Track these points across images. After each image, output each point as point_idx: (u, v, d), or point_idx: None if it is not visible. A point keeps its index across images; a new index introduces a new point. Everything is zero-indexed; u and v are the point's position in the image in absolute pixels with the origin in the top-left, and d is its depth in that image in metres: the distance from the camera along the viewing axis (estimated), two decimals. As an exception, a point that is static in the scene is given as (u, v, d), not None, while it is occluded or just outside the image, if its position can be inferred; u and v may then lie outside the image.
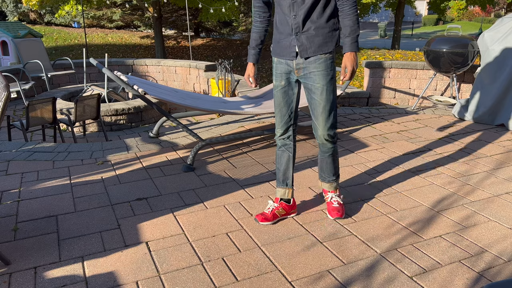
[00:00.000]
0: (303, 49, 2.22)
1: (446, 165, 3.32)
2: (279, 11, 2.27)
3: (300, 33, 2.21)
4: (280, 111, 2.38)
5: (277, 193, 2.51)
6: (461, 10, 13.87)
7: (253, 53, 2.45)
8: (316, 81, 2.24)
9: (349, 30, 2.19)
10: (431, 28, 31.68)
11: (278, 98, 2.36)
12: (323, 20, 2.19)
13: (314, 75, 2.24)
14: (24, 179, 3.00)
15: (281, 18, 2.26)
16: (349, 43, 2.19)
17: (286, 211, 2.48)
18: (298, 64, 2.26)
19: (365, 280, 1.93)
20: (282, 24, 2.26)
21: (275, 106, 2.40)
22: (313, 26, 2.19)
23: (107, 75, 3.57)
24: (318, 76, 2.23)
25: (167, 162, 3.36)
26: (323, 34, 2.21)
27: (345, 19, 2.19)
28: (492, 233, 2.33)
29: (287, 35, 2.26)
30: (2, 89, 1.99)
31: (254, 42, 2.44)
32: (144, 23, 19.35)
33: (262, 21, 2.41)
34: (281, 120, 2.39)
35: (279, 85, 2.35)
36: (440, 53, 4.82)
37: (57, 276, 1.94)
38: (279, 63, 2.33)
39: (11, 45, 8.45)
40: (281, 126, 2.40)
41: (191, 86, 8.17)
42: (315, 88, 2.25)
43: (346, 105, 5.95)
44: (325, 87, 2.24)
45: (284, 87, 2.34)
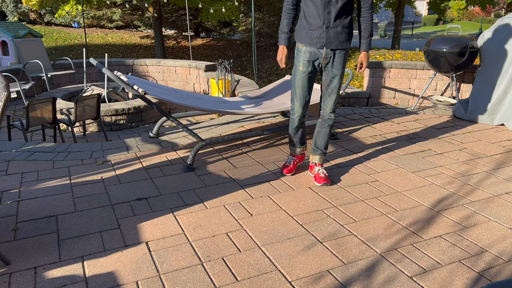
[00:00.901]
0: (328, 41, 2.68)
1: (446, 165, 3.32)
2: (310, 5, 2.65)
3: (330, 27, 2.65)
4: (303, 94, 2.81)
5: (295, 152, 3.09)
6: (461, 10, 13.88)
7: (286, 37, 2.80)
8: (338, 68, 2.76)
9: (368, 33, 2.73)
10: (431, 28, 31.68)
11: (303, 82, 2.78)
12: (347, 21, 2.68)
13: (337, 64, 2.75)
14: (24, 179, 3.00)
15: (313, 11, 2.66)
16: (366, 44, 2.74)
17: (301, 160, 3.18)
18: (327, 54, 2.72)
19: (365, 280, 1.93)
20: (313, 17, 2.66)
21: (297, 89, 2.80)
22: (340, 24, 2.66)
23: (107, 75, 3.57)
24: (339, 65, 2.75)
25: (167, 162, 3.36)
26: (346, 32, 2.70)
27: (365, 23, 2.72)
28: (492, 233, 2.33)
29: (318, 27, 2.67)
30: (2, 89, 1.99)
31: (287, 28, 2.79)
32: (144, 23, 19.34)
33: (294, 8, 2.80)
34: (303, 102, 2.83)
35: (306, 71, 2.76)
36: (440, 53, 4.82)
37: (57, 276, 1.94)
38: (308, 52, 2.73)
39: (11, 45, 8.45)
40: (302, 108, 2.85)
41: (191, 86, 8.17)
42: (335, 74, 2.77)
43: (346, 105, 5.94)
44: (341, 74, 2.79)
45: (310, 73, 2.77)
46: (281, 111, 4.00)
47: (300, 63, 2.77)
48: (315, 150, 3.01)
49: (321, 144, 2.98)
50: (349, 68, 10.80)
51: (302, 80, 2.78)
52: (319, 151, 3.00)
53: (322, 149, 2.99)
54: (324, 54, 2.72)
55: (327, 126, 2.94)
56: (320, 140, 2.98)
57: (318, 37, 2.68)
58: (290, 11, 2.79)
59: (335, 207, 2.62)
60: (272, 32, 15.82)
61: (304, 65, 2.75)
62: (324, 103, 2.90)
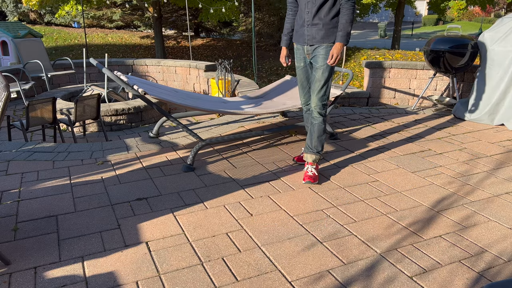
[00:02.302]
0: (309, 38, 2.90)
1: (446, 165, 3.32)
2: (299, 5, 2.94)
3: (310, 25, 2.87)
4: (301, 85, 3.13)
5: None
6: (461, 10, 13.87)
7: (285, 39, 3.14)
8: (318, 62, 2.88)
9: (341, 26, 2.79)
10: (431, 28, 31.68)
11: (299, 75, 3.11)
12: (328, 18, 2.82)
13: (317, 57, 2.89)
14: (24, 179, 3.00)
15: (300, 11, 2.94)
16: (339, 36, 2.79)
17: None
18: (308, 50, 2.95)
19: (365, 280, 1.93)
20: (300, 16, 2.94)
21: (298, 82, 3.14)
22: (320, 22, 2.83)
23: (107, 75, 3.57)
24: (320, 58, 2.87)
25: (167, 162, 3.36)
26: (326, 29, 2.84)
27: (342, 18, 2.80)
28: (492, 233, 2.33)
29: (301, 26, 2.93)
30: (2, 89, 1.99)
31: (286, 31, 3.12)
32: (144, 23, 19.34)
33: (294, 13, 3.07)
34: (303, 91, 3.15)
35: (299, 66, 3.08)
36: (440, 53, 4.82)
37: (57, 276, 1.94)
38: (297, 48, 3.04)
39: (11, 45, 8.45)
40: (303, 96, 3.16)
41: (191, 86, 8.17)
42: (316, 68, 2.89)
43: (346, 105, 5.94)
44: (323, 67, 2.86)
45: (303, 67, 3.07)
46: (281, 111, 4.00)
47: (295, 59, 3.10)
48: (306, 147, 3.05)
49: (311, 142, 3.01)
50: (350, 68, 10.80)
51: (298, 74, 3.12)
52: (310, 149, 3.01)
53: (312, 147, 3.00)
54: (306, 50, 2.96)
55: (314, 125, 2.98)
56: (310, 139, 3.02)
57: (302, 34, 2.93)
58: (290, 17, 3.09)
59: (335, 207, 2.62)
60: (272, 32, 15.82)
61: (297, 61, 3.08)
62: (310, 98, 3.13)
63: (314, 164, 3.02)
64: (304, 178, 2.96)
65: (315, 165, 3.03)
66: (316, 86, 2.90)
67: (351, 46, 12.94)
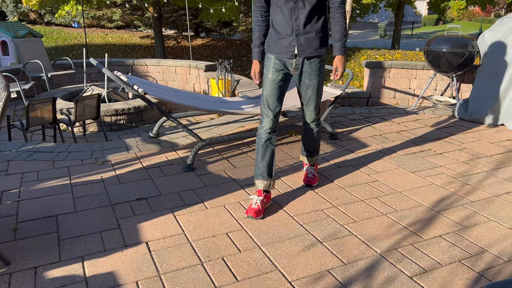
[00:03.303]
0: (301, 49, 2.47)
1: (446, 165, 3.32)
2: (277, 12, 2.45)
3: (300, 34, 2.44)
4: (273, 103, 2.51)
5: (260, 186, 2.57)
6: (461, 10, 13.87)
7: (258, 51, 2.60)
8: (312, 79, 2.55)
9: (339, 35, 2.50)
10: (431, 28, 31.68)
11: (272, 91, 2.50)
12: (319, 25, 2.46)
13: (311, 74, 2.54)
14: (24, 179, 3.00)
15: (280, 19, 2.44)
16: (339, 47, 2.51)
17: (268, 201, 2.60)
18: (298, 65, 2.51)
19: (365, 280, 1.93)
20: (281, 25, 2.45)
21: (268, 99, 2.51)
22: (312, 30, 2.44)
23: (107, 75, 3.57)
24: (313, 76, 2.54)
25: (167, 162, 3.36)
26: (319, 37, 2.48)
27: (336, 25, 2.49)
28: (492, 233, 2.33)
29: (287, 35, 2.46)
30: (2, 89, 1.99)
31: (258, 41, 2.59)
32: (144, 23, 19.34)
33: (264, 20, 2.56)
34: (272, 112, 2.52)
35: (276, 79, 2.51)
36: (440, 53, 4.82)
37: (57, 276, 1.94)
38: (277, 59, 2.52)
39: (11, 45, 8.45)
40: (271, 119, 2.53)
41: (191, 86, 8.17)
42: (308, 85, 2.57)
43: (346, 105, 5.95)
44: (318, 84, 2.57)
45: (280, 82, 2.52)
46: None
47: (269, 71, 2.53)
48: (302, 151, 2.95)
49: (309, 147, 2.88)
50: (350, 68, 10.80)
51: (272, 89, 2.51)
52: (307, 152, 2.91)
53: (310, 151, 2.90)
54: (294, 64, 2.51)
55: (311, 134, 2.82)
56: (308, 144, 2.87)
57: (288, 45, 2.47)
58: (260, 23, 2.57)
59: (335, 207, 2.62)
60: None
61: (273, 73, 2.52)
62: (303, 115, 2.77)
63: (314, 165, 2.97)
64: (304, 181, 2.90)
65: (315, 165, 2.99)
66: (311, 102, 2.65)
67: (351, 46, 12.94)
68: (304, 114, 2.74)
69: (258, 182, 2.58)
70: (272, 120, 2.53)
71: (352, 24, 24.67)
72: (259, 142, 2.56)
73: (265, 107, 2.53)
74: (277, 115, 2.54)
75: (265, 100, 2.53)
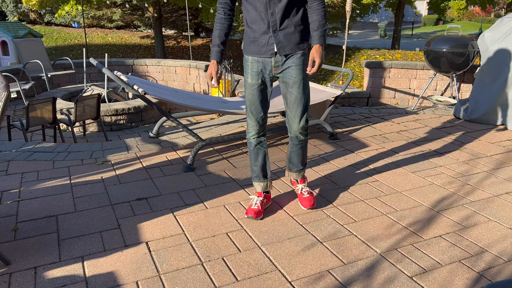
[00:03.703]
0: (280, 46, 2.25)
1: (446, 165, 3.32)
2: (250, 9, 2.24)
3: (278, 30, 2.23)
4: (255, 109, 2.35)
5: (258, 188, 2.54)
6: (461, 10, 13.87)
7: (218, 50, 2.33)
8: (294, 75, 2.29)
9: (317, 24, 2.22)
10: (431, 28, 31.68)
11: (254, 96, 2.33)
12: (298, 18, 2.24)
13: (292, 70, 2.29)
14: (24, 179, 3.00)
15: (254, 17, 2.24)
16: (317, 36, 2.22)
17: (268, 201, 2.60)
18: (277, 62, 2.30)
19: (365, 280, 1.93)
20: (256, 23, 2.25)
21: (249, 105, 2.35)
22: (290, 24, 2.23)
23: (107, 75, 3.57)
24: (296, 71, 2.29)
25: (167, 162, 3.36)
26: (300, 31, 2.27)
27: (314, 14, 2.23)
28: (492, 233, 2.33)
29: (263, 33, 2.26)
30: (2, 89, 1.99)
31: (219, 40, 2.34)
32: (144, 23, 19.34)
33: (227, 18, 2.35)
34: (257, 118, 2.37)
35: (255, 84, 2.32)
36: (440, 53, 4.82)
37: (57, 276, 1.94)
38: (255, 61, 2.31)
39: (11, 45, 8.45)
40: (256, 125, 2.39)
41: (191, 86, 8.17)
42: (293, 82, 2.30)
43: (346, 105, 5.95)
44: (303, 81, 2.31)
45: (261, 86, 2.34)
46: (281, 111, 4.00)
47: (248, 75, 2.34)
48: (290, 166, 2.62)
49: (296, 161, 2.57)
50: (350, 68, 10.80)
51: (252, 94, 2.33)
52: (295, 168, 2.60)
53: (298, 166, 2.59)
54: (274, 62, 2.29)
55: (299, 148, 2.50)
56: (296, 158, 2.56)
57: (266, 44, 2.26)
58: (223, 21, 2.34)
59: (335, 207, 2.62)
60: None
61: (253, 77, 2.32)
62: (288, 122, 2.41)
63: (304, 181, 2.66)
64: (304, 204, 2.57)
65: (305, 180, 2.68)
66: (297, 104, 2.33)
67: (351, 46, 12.94)
68: (290, 122, 2.39)
69: (256, 185, 2.55)
70: (258, 125, 2.38)
71: (352, 24, 24.67)
72: (249, 147, 2.47)
73: (249, 113, 2.38)
74: (262, 120, 2.38)
75: (248, 105, 2.37)
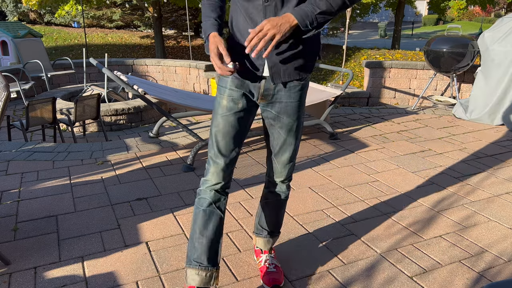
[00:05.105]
0: (275, 71, 1.54)
1: (446, 165, 3.32)
2: (238, 13, 1.56)
3: (274, 49, 1.52)
4: (226, 144, 1.60)
5: (192, 280, 1.62)
6: (461, 10, 13.86)
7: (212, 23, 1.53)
8: (288, 113, 1.63)
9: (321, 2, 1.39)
10: (431, 28, 31.68)
11: (228, 125, 1.59)
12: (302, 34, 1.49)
13: (287, 106, 1.62)
14: (24, 179, 3.00)
15: (245, 25, 1.54)
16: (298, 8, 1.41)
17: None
18: (267, 90, 1.59)
19: (365, 280, 1.93)
20: (247, 34, 1.53)
21: (218, 136, 1.60)
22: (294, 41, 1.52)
23: (107, 75, 3.57)
24: (292, 108, 1.63)
25: (167, 162, 3.36)
26: (304, 52, 1.55)
27: None
28: (492, 233, 2.33)
29: None
30: (2, 89, 1.99)
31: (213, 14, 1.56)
32: (144, 23, 19.34)
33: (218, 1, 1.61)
34: (225, 158, 1.61)
35: (233, 108, 1.59)
36: (440, 53, 4.82)
37: (57, 276, 1.94)
38: (238, 80, 1.59)
39: (11, 45, 8.45)
40: (222, 168, 1.61)
41: (191, 86, 8.17)
42: (284, 122, 1.65)
43: (346, 105, 5.94)
44: (297, 121, 1.66)
45: (240, 112, 1.60)
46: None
47: (224, 96, 1.60)
48: (259, 229, 1.94)
49: (272, 222, 1.90)
50: (350, 68, 10.80)
51: (226, 121, 1.59)
52: (265, 231, 1.92)
53: (269, 229, 1.91)
54: (262, 89, 1.59)
55: (276, 201, 1.83)
56: (270, 218, 1.88)
57: (251, 64, 1.55)
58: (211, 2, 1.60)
59: (335, 207, 2.62)
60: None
61: (230, 99, 1.59)
62: (272, 168, 1.77)
63: (272, 251, 1.97)
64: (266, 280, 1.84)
65: (274, 251, 2.00)
66: (284, 149, 1.69)
67: (351, 46, 12.93)
68: (272, 168, 1.76)
69: (191, 273, 1.62)
70: (224, 170, 1.61)
71: (352, 24, 24.67)
72: (199, 204, 1.64)
73: (213, 150, 1.61)
74: (231, 162, 1.62)
75: (214, 138, 1.61)
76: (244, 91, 1.61)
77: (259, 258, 1.97)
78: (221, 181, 1.62)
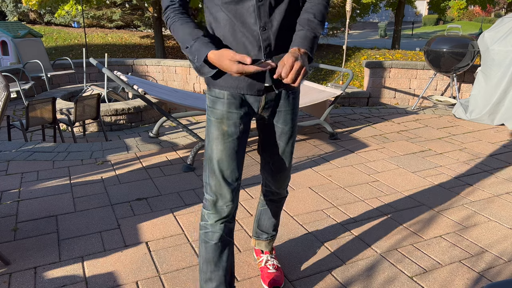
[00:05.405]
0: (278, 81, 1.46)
1: (446, 165, 3.32)
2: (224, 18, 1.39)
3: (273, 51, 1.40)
4: (231, 173, 1.48)
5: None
6: (461, 10, 13.86)
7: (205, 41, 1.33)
8: (287, 121, 1.58)
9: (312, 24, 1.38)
10: (431, 28, 31.68)
11: (229, 151, 1.47)
12: None
13: (286, 115, 1.57)
14: (24, 179, 3.00)
15: (233, 32, 1.38)
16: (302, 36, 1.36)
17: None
18: (269, 102, 1.52)
19: (365, 280, 1.92)
20: (236, 40, 1.39)
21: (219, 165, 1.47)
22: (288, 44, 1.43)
23: (107, 75, 3.57)
24: (290, 116, 1.58)
25: (167, 162, 3.36)
26: None
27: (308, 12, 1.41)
28: (492, 233, 2.33)
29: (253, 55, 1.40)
30: (2, 89, 1.99)
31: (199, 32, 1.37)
32: (144, 23, 19.34)
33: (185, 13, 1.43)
34: (232, 187, 1.49)
35: (235, 133, 1.47)
36: (440, 53, 4.82)
37: (57, 276, 1.94)
38: (235, 98, 1.46)
39: (11, 45, 8.45)
40: (230, 199, 1.49)
41: (191, 86, 8.17)
42: (283, 130, 1.59)
43: (346, 105, 5.94)
44: (294, 128, 1.62)
45: (242, 134, 1.49)
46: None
47: (223, 120, 1.46)
48: (259, 233, 1.93)
49: (269, 225, 1.89)
50: (350, 68, 10.80)
51: (228, 148, 1.47)
52: (265, 235, 1.92)
53: (269, 231, 1.91)
54: (264, 101, 1.50)
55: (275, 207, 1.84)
56: (268, 222, 1.88)
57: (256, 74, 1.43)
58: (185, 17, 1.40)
59: (335, 207, 2.62)
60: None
61: (229, 124, 1.46)
62: (269, 179, 1.72)
63: (272, 252, 1.98)
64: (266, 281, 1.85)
65: (274, 251, 2.02)
66: (287, 162, 1.66)
67: (351, 46, 12.93)
68: (270, 179, 1.71)
69: None
70: (232, 200, 1.49)
71: (352, 24, 24.67)
72: (207, 238, 1.52)
73: (218, 180, 1.48)
74: (237, 189, 1.52)
75: (217, 167, 1.47)
76: (244, 111, 1.48)
77: (259, 258, 1.98)
78: (227, 214, 1.50)
